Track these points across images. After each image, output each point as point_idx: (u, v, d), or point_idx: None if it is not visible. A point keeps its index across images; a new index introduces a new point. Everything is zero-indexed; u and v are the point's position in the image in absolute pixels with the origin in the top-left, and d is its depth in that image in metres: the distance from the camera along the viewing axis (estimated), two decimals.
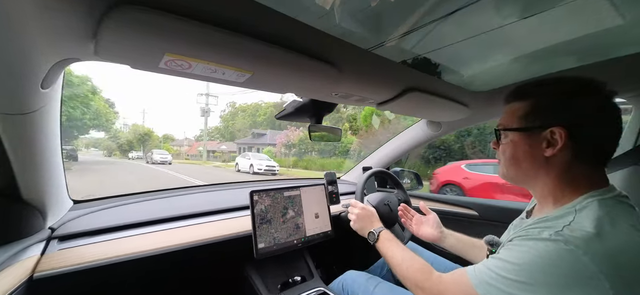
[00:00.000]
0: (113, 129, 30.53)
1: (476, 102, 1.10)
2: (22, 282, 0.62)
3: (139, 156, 28.24)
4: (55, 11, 0.41)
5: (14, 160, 0.63)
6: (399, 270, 0.69)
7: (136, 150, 30.98)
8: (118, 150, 33.58)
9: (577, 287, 0.41)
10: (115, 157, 33.44)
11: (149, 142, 32.66)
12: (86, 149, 51.07)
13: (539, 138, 0.52)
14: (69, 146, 20.97)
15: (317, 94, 0.91)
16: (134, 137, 32.70)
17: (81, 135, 24.81)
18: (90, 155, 38.00)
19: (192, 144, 40.99)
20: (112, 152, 36.00)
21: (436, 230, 0.93)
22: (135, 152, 30.12)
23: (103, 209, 0.98)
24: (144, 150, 30.63)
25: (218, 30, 0.49)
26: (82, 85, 14.41)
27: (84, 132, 21.52)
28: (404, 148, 1.64)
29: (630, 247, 0.42)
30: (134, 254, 0.79)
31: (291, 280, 1.01)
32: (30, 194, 0.71)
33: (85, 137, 44.61)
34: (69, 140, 21.37)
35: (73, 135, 20.55)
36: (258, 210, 0.99)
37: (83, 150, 48.10)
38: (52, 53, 0.51)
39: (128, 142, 32.05)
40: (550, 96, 0.53)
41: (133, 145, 31.72)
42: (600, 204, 0.46)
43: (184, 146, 40.42)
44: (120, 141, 32.71)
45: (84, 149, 49.13)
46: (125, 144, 32.04)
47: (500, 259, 0.48)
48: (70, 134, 18.53)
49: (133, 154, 29.45)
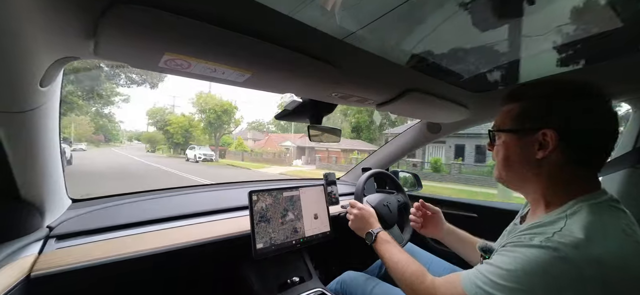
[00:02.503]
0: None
1: (475, 103, 1.10)
2: (20, 281, 0.62)
3: (206, 156, 18.48)
4: (55, 9, 0.41)
5: (12, 159, 0.63)
6: (395, 273, 0.69)
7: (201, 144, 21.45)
8: (167, 144, 24.50)
9: (568, 293, 0.41)
10: (159, 154, 25.36)
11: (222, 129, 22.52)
12: (129, 141, 46.16)
13: (531, 140, 0.52)
14: (64, 144, 18.92)
15: (316, 95, 0.91)
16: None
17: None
18: (124, 151, 29.43)
19: (265, 138, 29.27)
20: (156, 146, 28.16)
21: (439, 228, 0.92)
22: (198, 147, 19.71)
23: (101, 208, 0.98)
24: (217, 138, 21.96)
25: (217, 30, 0.49)
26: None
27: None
28: (404, 150, 1.64)
29: (621, 253, 0.42)
30: (131, 253, 0.78)
31: (289, 280, 1.01)
32: (29, 192, 0.71)
33: (126, 130, 40.68)
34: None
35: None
36: (258, 208, 0.98)
37: (125, 143, 43.25)
38: (52, 51, 0.51)
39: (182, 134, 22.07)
40: (542, 98, 0.53)
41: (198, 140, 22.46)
42: (591, 209, 0.46)
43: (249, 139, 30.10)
44: (174, 134, 22.15)
45: (126, 142, 44.39)
46: (179, 136, 22.11)
47: (492, 264, 0.49)
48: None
49: (196, 152, 18.50)
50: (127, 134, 46.20)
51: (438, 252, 1.17)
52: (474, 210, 1.43)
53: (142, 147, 35.26)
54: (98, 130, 30.52)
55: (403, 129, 1.67)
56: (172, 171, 11.96)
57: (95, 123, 28.16)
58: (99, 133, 31.58)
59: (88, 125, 25.94)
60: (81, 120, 24.54)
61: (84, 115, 23.01)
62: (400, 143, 1.63)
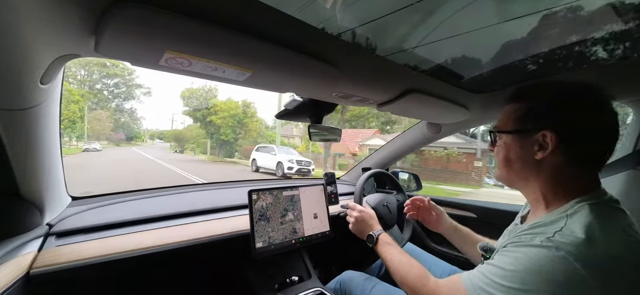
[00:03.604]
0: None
1: (476, 104, 1.10)
2: (19, 278, 0.62)
3: (302, 166, 10.50)
4: (56, 6, 0.41)
5: (12, 156, 0.63)
6: (397, 275, 0.69)
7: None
8: (211, 140, 16.68)
9: (569, 293, 0.41)
10: (191, 155, 19.58)
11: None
12: (151, 140, 41.58)
13: (531, 141, 0.52)
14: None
15: (317, 94, 0.91)
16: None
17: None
18: (149, 153, 22.27)
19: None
20: (183, 145, 22.64)
21: (442, 227, 0.94)
22: (278, 149, 11.72)
23: (101, 206, 0.98)
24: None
25: (218, 29, 0.49)
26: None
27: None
28: (404, 150, 1.64)
29: (621, 252, 0.43)
30: (131, 251, 0.78)
31: (289, 280, 1.01)
32: (29, 189, 0.71)
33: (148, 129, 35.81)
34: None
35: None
36: (258, 207, 0.99)
37: (147, 141, 38.64)
38: (52, 48, 0.51)
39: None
40: (542, 99, 0.53)
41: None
42: (591, 208, 0.46)
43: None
44: (221, 127, 15.07)
45: (148, 140, 39.76)
46: (228, 131, 15.17)
47: (494, 265, 0.49)
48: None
49: (284, 158, 10.60)
50: (149, 132, 42.93)
51: (438, 253, 1.17)
52: (473, 211, 1.43)
53: (164, 146, 31.67)
54: (118, 127, 28.06)
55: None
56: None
57: (116, 120, 26.39)
58: (119, 130, 28.75)
59: (107, 121, 23.33)
60: (98, 115, 22.11)
61: (101, 109, 21.07)
62: (401, 143, 1.63)
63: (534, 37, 0.68)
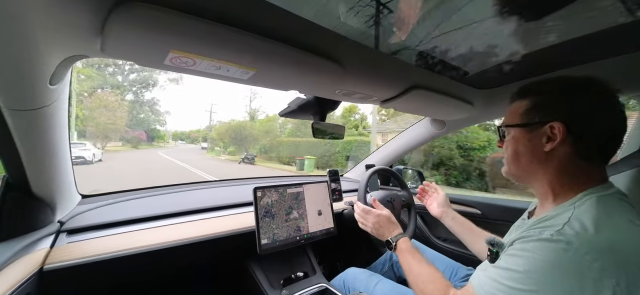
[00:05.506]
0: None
1: (481, 100, 1.09)
2: (33, 274, 0.64)
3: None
4: (63, 8, 0.42)
5: (24, 156, 0.65)
6: (415, 286, 0.68)
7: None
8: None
9: (583, 285, 0.41)
10: (214, 156, 18.85)
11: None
12: (173, 141, 36.86)
13: (539, 133, 0.52)
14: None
15: (320, 91, 0.91)
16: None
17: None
18: (163, 151, 21.45)
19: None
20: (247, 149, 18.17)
21: (440, 209, 0.99)
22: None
23: (110, 203, 1.00)
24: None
25: (222, 28, 0.49)
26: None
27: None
28: (408, 146, 1.63)
29: (630, 241, 0.43)
30: (140, 248, 0.80)
31: (294, 275, 1.02)
32: (40, 188, 0.73)
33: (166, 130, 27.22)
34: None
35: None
36: (263, 204, 1.00)
37: (171, 142, 34.21)
38: (60, 49, 0.52)
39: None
40: (550, 93, 0.53)
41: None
42: (599, 200, 0.46)
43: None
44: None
45: (171, 141, 35.04)
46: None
47: (505, 269, 0.48)
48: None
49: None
50: (172, 133, 37.16)
51: (442, 250, 1.17)
52: (478, 207, 1.42)
53: (193, 148, 27.73)
54: (136, 124, 21.51)
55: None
56: None
57: (134, 117, 20.51)
58: (137, 128, 21.69)
59: (119, 110, 16.72)
60: (104, 99, 15.90)
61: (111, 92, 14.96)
62: (405, 140, 1.62)
63: (540, 33, 0.67)
